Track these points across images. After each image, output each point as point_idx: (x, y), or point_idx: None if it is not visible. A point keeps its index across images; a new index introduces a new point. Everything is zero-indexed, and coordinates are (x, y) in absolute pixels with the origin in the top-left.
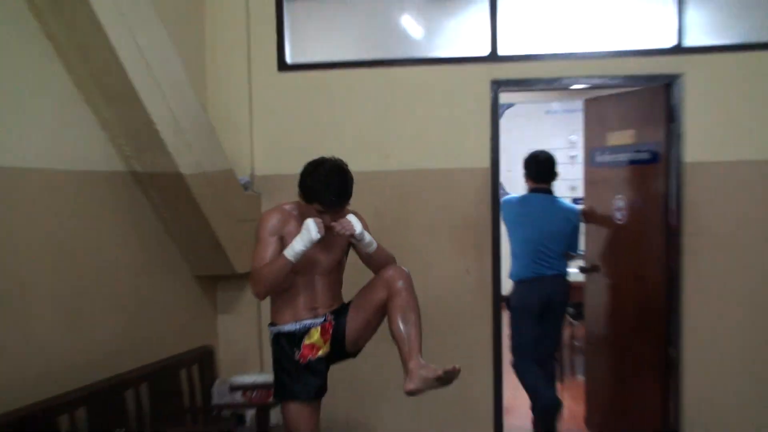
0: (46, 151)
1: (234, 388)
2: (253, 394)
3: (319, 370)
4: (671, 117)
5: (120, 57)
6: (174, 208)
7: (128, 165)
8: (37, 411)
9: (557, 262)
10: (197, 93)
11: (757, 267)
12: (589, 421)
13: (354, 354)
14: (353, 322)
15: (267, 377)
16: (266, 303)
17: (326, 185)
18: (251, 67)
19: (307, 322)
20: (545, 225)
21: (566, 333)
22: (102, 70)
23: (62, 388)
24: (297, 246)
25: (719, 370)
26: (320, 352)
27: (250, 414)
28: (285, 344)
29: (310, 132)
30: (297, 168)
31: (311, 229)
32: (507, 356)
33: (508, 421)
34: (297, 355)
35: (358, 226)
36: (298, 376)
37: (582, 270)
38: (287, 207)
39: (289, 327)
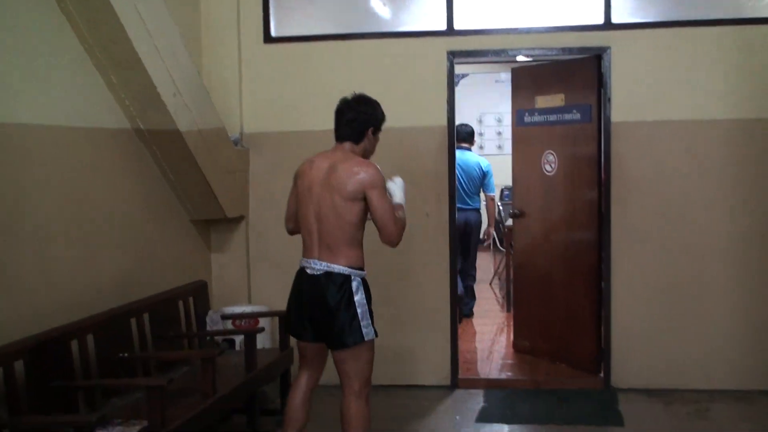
0: (61, 110)
1: (225, 317)
2: (242, 323)
3: None
4: (601, 83)
5: (125, 28)
6: (173, 161)
7: (133, 123)
8: (51, 337)
9: (470, 199)
10: (193, 61)
11: (672, 211)
12: (516, 345)
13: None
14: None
15: (254, 308)
16: (255, 244)
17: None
18: (240, 39)
19: None
20: (464, 172)
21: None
22: (109, 40)
23: (74, 316)
24: (402, 199)
25: (642, 298)
26: None
27: (239, 339)
28: (367, 289)
29: (292, 95)
30: (280, 126)
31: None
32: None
33: (462, 343)
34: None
35: None
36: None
37: (512, 215)
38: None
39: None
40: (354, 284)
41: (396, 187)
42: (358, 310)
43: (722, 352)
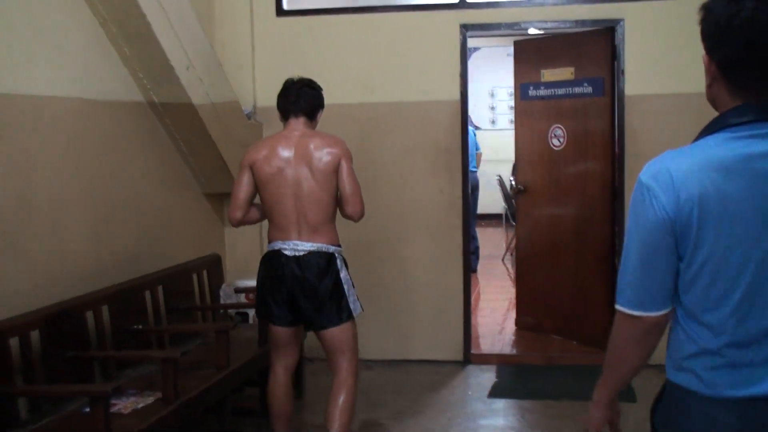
0: (76, 83)
1: (238, 291)
2: (255, 296)
3: None
4: (614, 55)
5: (138, 1)
6: (186, 134)
7: (147, 96)
8: (67, 308)
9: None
10: (206, 34)
11: None
12: (519, 322)
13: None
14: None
15: None
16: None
17: None
18: (253, 12)
19: None
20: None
21: None
22: (123, 13)
23: (88, 288)
24: None
25: None
26: None
27: (252, 313)
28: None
29: (305, 69)
30: None
31: None
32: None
33: (474, 319)
34: None
35: None
36: None
37: (516, 191)
38: None
39: None
40: (338, 262)
41: None
42: (345, 287)
43: None
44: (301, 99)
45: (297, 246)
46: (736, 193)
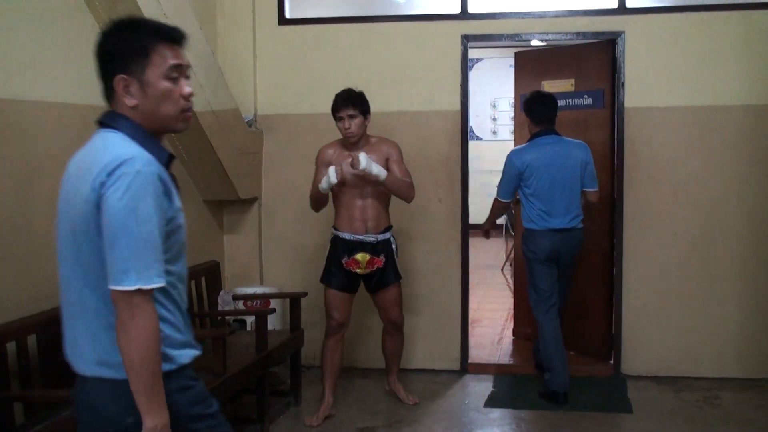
0: (78, 89)
1: (237, 298)
2: (254, 303)
3: (353, 276)
4: (615, 68)
5: (141, 7)
6: (187, 141)
7: None
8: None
9: None
10: (208, 42)
11: (685, 197)
12: (517, 331)
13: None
14: (379, 297)
15: (265, 289)
16: (268, 226)
17: (336, 97)
18: (255, 21)
19: (360, 237)
20: None
21: None
22: None
23: None
24: (323, 184)
25: (653, 285)
26: (358, 270)
27: (250, 320)
28: (339, 246)
29: (306, 77)
30: (295, 109)
31: (330, 175)
32: (474, 273)
33: (473, 329)
34: (345, 260)
35: (363, 162)
36: (338, 273)
37: (515, 201)
38: (338, 141)
39: (345, 235)
40: (330, 237)
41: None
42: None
43: (733, 340)
44: None
45: None
46: (541, 161)
